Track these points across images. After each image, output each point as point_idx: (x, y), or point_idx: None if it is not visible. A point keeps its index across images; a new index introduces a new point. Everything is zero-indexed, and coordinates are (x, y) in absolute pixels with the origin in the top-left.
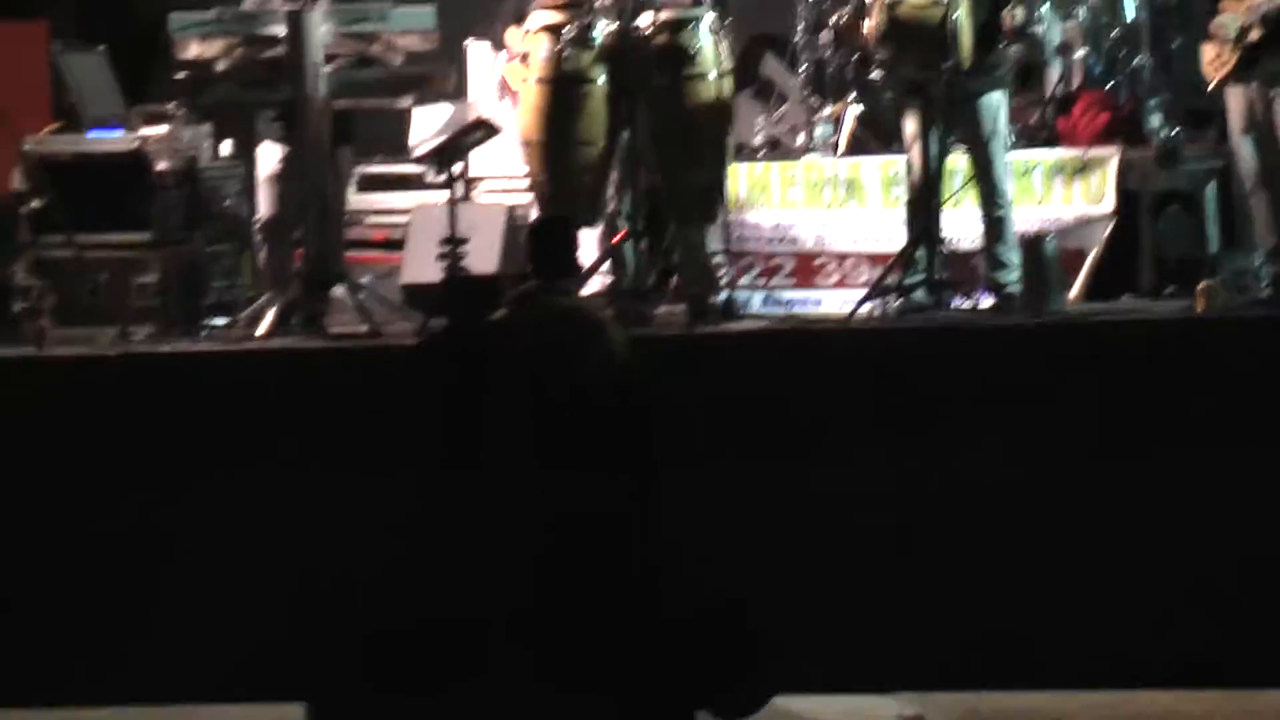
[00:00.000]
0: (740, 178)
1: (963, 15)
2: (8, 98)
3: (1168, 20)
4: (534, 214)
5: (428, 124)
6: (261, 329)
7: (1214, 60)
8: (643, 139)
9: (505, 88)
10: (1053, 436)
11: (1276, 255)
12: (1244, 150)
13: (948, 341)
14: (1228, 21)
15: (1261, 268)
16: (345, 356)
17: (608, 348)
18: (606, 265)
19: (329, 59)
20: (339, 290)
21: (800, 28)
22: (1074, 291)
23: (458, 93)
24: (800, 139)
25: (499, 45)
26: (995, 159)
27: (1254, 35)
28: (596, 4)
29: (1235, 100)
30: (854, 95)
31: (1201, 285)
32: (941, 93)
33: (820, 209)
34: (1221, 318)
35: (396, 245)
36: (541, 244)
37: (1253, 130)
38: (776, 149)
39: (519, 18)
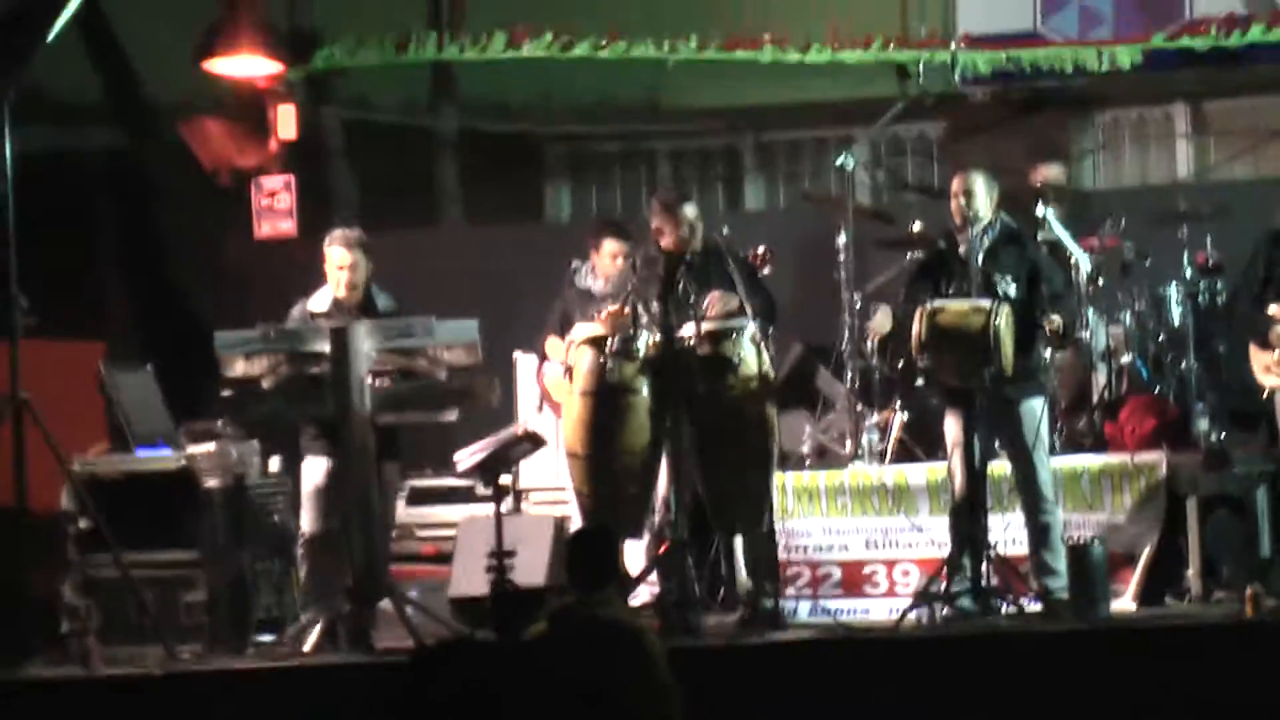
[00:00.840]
0: (787, 486)
1: (1003, 323)
2: (65, 416)
3: (1212, 323)
4: (579, 526)
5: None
6: (308, 645)
7: (1269, 366)
8: (687, 448)
9: (547, 398)
10: None
11: None
12: None
13: (994, 649)
14: None
15: None
16: (392, 672)
17: (643, 659)
18: (653, 576)
19: (373, 374)
20: (386, 604)
21: (847, 338)
22: (1123, 597)
23: (504, 405)
24: (848, 446)
25: (541, 355)
26: (1038, 465)
27: None
28: (640, 319)
29: None
30: (899, 403)
31: (1250, 590)
32: (983, 399)
33: (868, 516)
34: (1271, 621)
35: (446, 559)
36: (579, 555)
37: None
38: (824, 457)
39: (561, 328)
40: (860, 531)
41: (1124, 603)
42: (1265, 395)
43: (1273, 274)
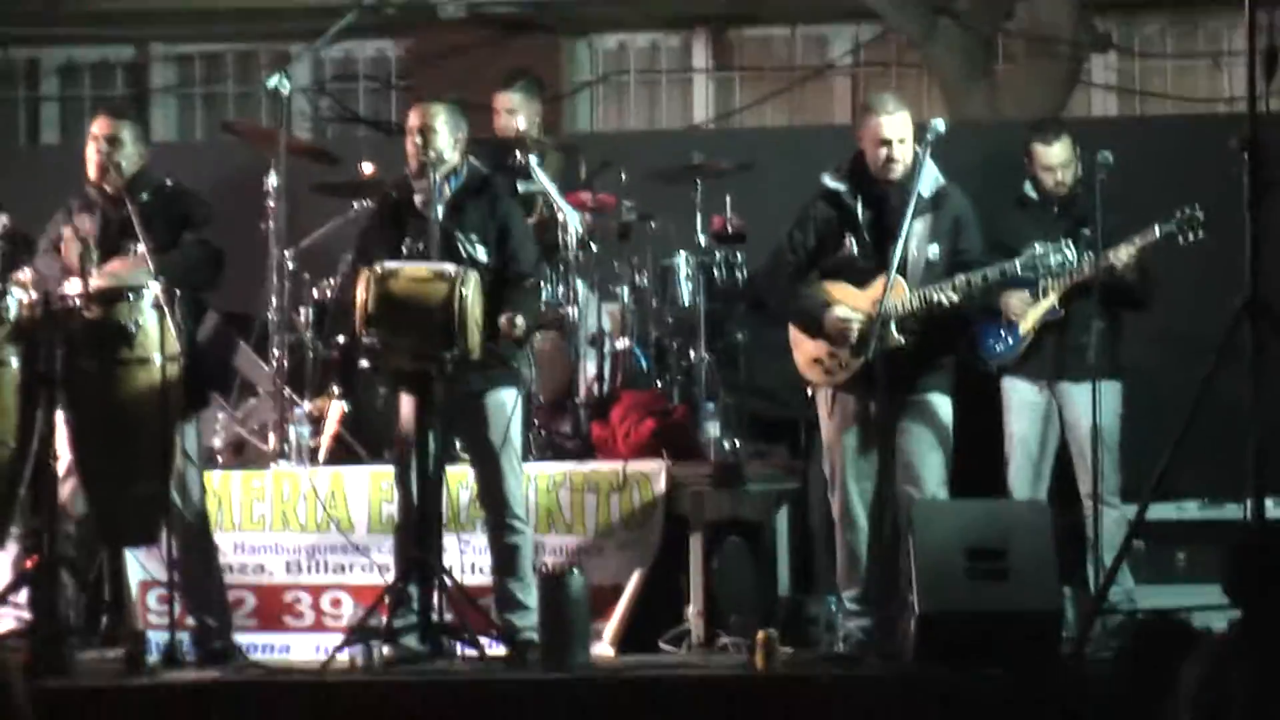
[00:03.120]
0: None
1: (470, 294)
2: None
3: (730, 305)
4: None
5: None
6: None
7: (818, 359)
8: (67, 437)
9: None
10: None
11: (864, 600)
12: (842, 471)
13: (445, 699)
14: (848, 317)
15: (838, 617)
16: None
17: (8, 705)
18: (20, 597)
19: None
20: None
21: (274, 306)
22: (606, 638)
23: None
24: (271, 442)
25: None
26: (506, 472)
27: (892, 339)
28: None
29: (832, 407)
30: (338, 389)
31: (763, 635)
32: (442, 389)
33: (292, 531)
34: (784, 674)
35: None
36: None
37: (861, 450)
38: (241, 454)
39: None
40: (282, 550)
41: (606, 647)
42: (810, 395)
43: (825, 243)
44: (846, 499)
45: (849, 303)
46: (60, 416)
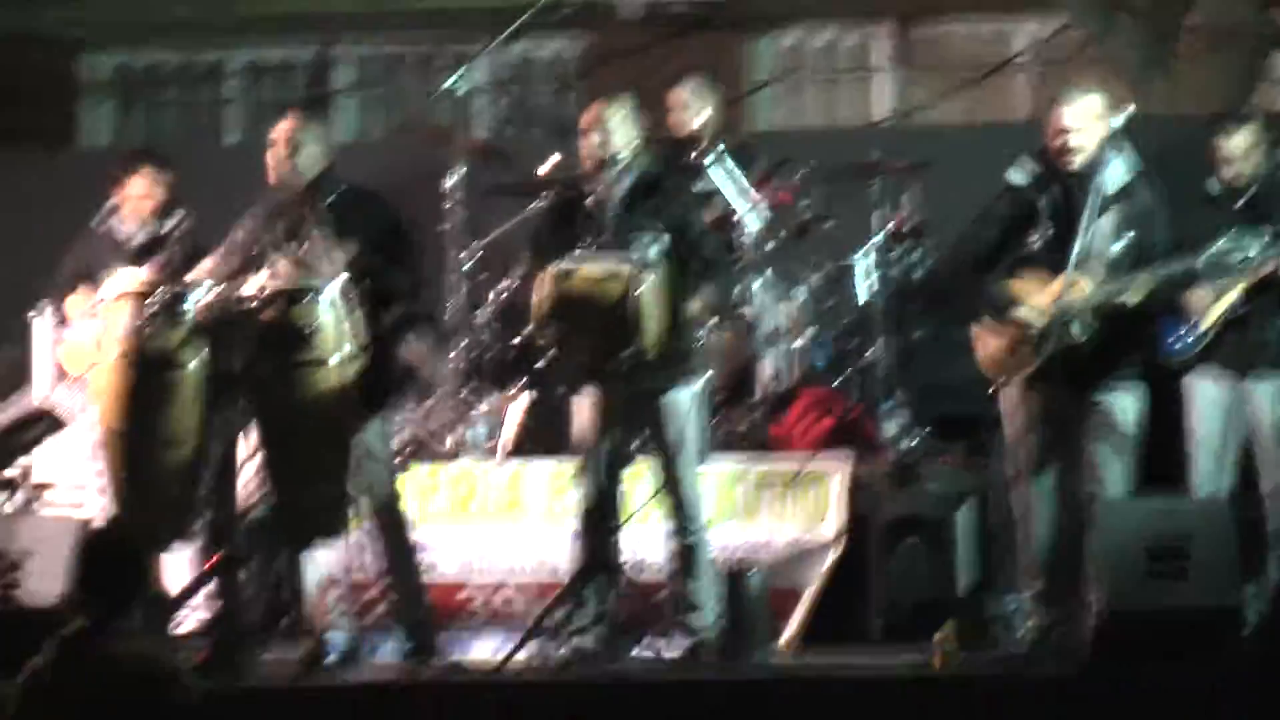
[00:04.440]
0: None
1: (647, 292)
2: None
3: (908, 303)
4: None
5: None
6: None
7: (1000, 356)
8: (247, 437)
9: (65, 373)
10: None
11: (1044, 599)
12: (1025, 469)
13: (623, 699)
14: (1030, 315)
15: (1017, 616)
16: None
17: (168, 709)
18: (201, 596)
19: None
20: None
21: (453, 306)
22: (785, 639)
23: (17, 379)
24: (450, 441)
25: (60, 318)
26: (684, 471)
27: (1075, 334)
28: (191, 274)
29: (1016, 404)
30: (517, 388)
31: (941, 634)
32: (620, 387)
33: (468, 527)
34: (963, 674)
35: None
36: (91, 565)
37: (1045, 447)
38: (420, 453)
39: (85, 279)
40: (457, 547)
41: (785, 649)
42: (993, 392)
43: (1009, 237)
44: (1029, 497)
45: (1032, 298)
46: (240, 417)
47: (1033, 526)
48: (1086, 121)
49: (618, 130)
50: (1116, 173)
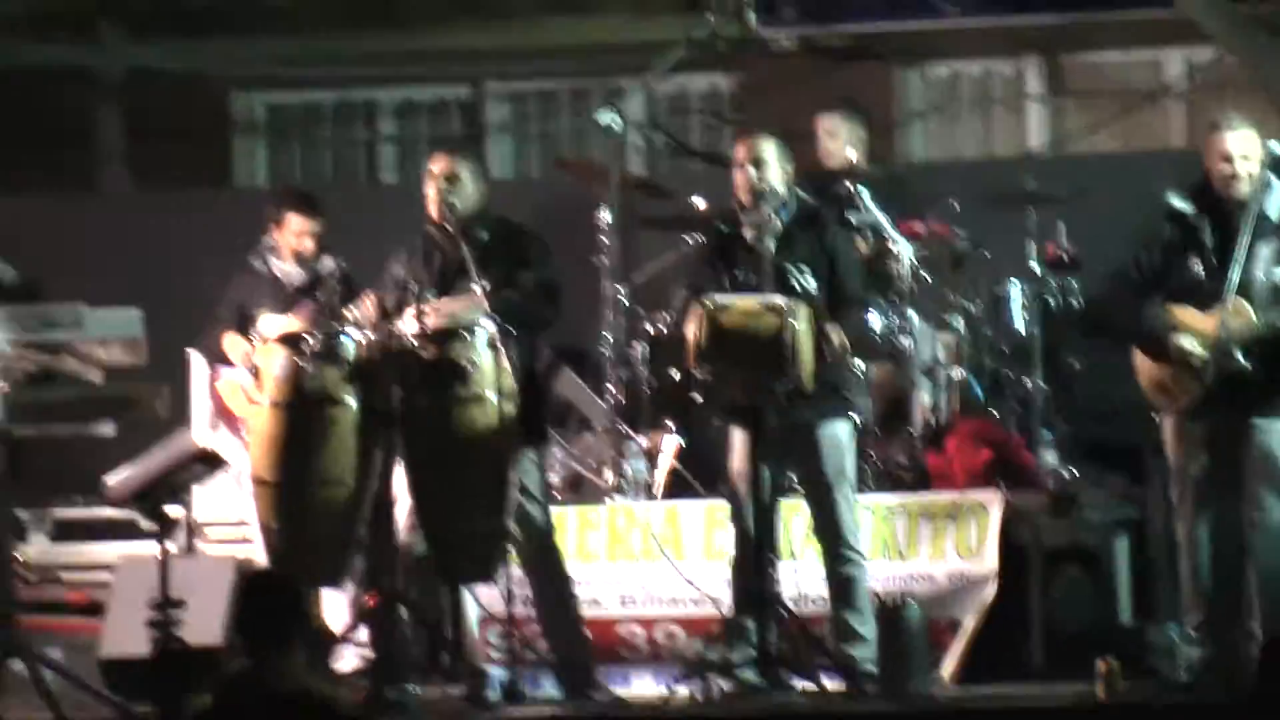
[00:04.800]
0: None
1: (802, 326)
2: None
3: (1064, 332)
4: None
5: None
6: None
7: (1164, 383)
8: (405, 476)
9: (224, 412)
10: None
11: (1207, 628)
12: (1188, 497)
13: None
14: (1191, 343)
15: (1179, 645)
16: None
17: None
18: (361, 634)
19: (2, 375)
20: (17, 666)
21: (609, 341)
22: (945, 671)
23: (175, 417)
24: (607, 477)
25: (217, 357)
26: (841, 504)
27: (1233, 364)
28: (349, 313)
29: (1178, 433)
30: (674, 423)
31: (1103, 664)
32: (776, 421)
33: (625, 562)
34: (1126, 703)
35: (98, 609)
36: (253, 606)
37: (1207, 476)
38: (578, 489)
39: (238, 323)
40: (616, 583)
41: (947, 680)
42: (1157, 420)
43: (1170, 264)
44: (1191, 525)
45: (1194, 326)
46: (398, 455)
47: (1195, 555)
48: (1250, 148)
49: (773, 163)
50: (1277, 200)
